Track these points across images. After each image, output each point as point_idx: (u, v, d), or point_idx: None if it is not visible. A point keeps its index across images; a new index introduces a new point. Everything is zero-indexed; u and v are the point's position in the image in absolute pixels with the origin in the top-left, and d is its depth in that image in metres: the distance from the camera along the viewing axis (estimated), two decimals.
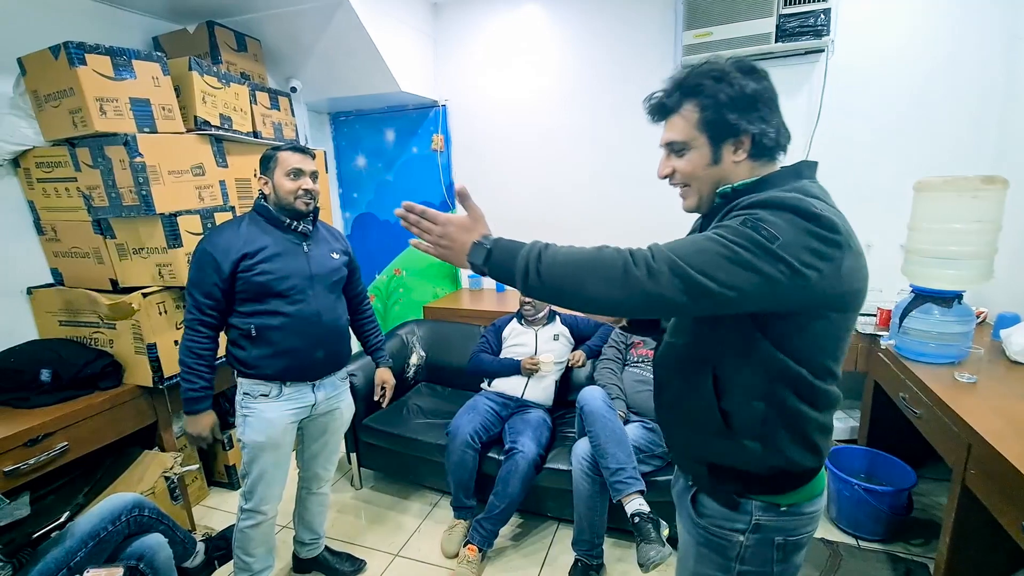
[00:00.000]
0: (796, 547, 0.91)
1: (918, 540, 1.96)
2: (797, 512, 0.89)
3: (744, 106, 0.83)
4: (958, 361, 1.74)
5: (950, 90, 2.28)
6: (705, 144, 0.86)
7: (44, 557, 1.25)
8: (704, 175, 0.88)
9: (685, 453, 0.99)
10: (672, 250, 0.75)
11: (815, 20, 2.27)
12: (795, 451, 0.86)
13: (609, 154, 2.94)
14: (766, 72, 0.86)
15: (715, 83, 0.83)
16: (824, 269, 0.73)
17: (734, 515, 0.91)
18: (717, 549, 0.93)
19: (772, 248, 0.72)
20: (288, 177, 1.55)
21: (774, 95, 0.86)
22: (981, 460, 1.30)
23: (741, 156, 0.86)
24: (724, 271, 0.72)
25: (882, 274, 2.41)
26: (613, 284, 0.75)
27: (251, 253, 1.51)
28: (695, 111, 0.85)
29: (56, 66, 1.73)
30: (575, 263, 0.78)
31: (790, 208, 0.75)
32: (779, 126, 0.86)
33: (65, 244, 2.06)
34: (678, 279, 0.73)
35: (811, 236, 0.73)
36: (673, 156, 0.91)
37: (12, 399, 1.78)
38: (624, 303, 0.76)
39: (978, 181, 1.66)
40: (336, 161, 3.60)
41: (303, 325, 1.57)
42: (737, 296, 0.73)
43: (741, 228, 0.74)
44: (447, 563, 1.99)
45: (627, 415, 2.03)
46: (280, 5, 2.49)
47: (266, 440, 1.57)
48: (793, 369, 0.81)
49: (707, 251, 0.74)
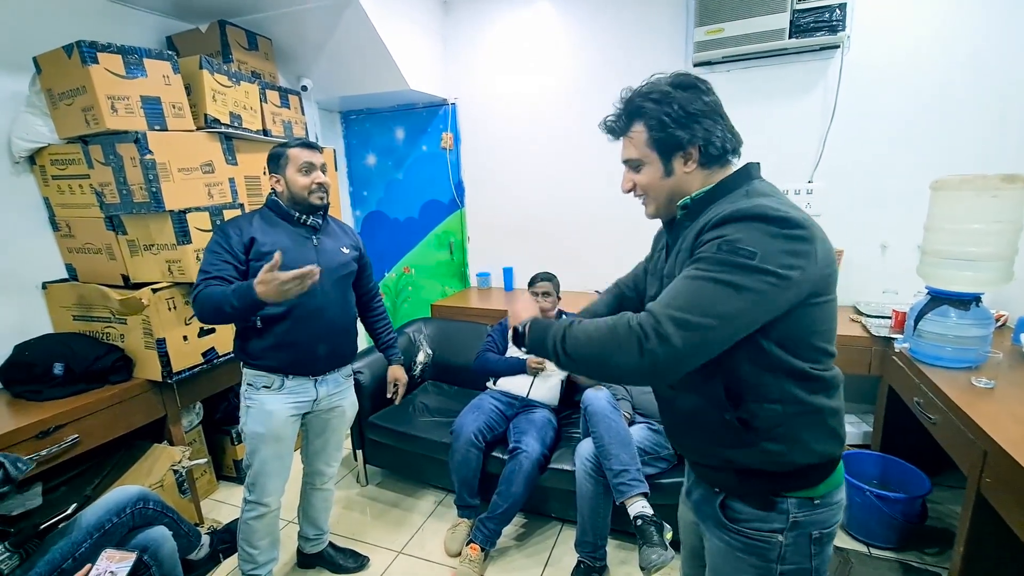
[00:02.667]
0: (829, 538, 0.93)
1: (932, 549, 1.90)
2: (829, 503, 0.91)
3: (686, 121, 0.88)
4: (976, 366, 1.69)
5: (971, 88, 2.21)
6: (656, 160, 0.93)
7: (51, 548, 1.27)
8: (659, 187, 0.95)
9: (706, 463, 0.98)
10: (669, 306, 0.78)
11: (830, 15, 2.22)
12: (820, 443, 0.88)
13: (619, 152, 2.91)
14: (708, 85, 0.91)
15: (656, 104, 0.89)
16: (804, 265, 0.78)
17: (771, 515, 0.91)
18: (757, 552, 0.92)
19: (754, 264, 0.76)
20: (301, 172, 1.56)
21: (716, 105, 0.91)
22: (997, 468, 1.26)
23: (691, 167, 0.91)
24: (722, 303, 0.76)
25: (897, 275, 2.39)
26: (632, 358, 0.78)
27: (260, 241, 1.53)
28: (643, 131, 0.93)
29: (69, 65, 1.76)
30: (594, 342, 0.83)
31: (755, 217, 0.79)
32: (724, 133, 0.90)
33: (79, 240, 2.10)
34: (687, 331, 0.76)
35: (783, 239, 0.78)
36: (631, 171, 0.98)
37: (25, 392, 1.82)
38: (651, 373, 0.78)
39: (998, 180, 1.61)
40: (346, 159, 3.63)
41: (306, 319, 1.57)
42: (744, 318, 0.77)
43: (719, 255, 0.78)
44: (450, 561, 1.98)
45: (632, 416, 2.01)
46: (290, 4, 2.51)
47: (266, 432, 1.59)
48: (796, 365, 0.84)
49: (699, 292, 0.78)
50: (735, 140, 0.92)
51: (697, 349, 0.77)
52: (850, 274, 2.48)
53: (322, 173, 1.60)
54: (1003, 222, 1.64)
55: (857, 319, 2.28)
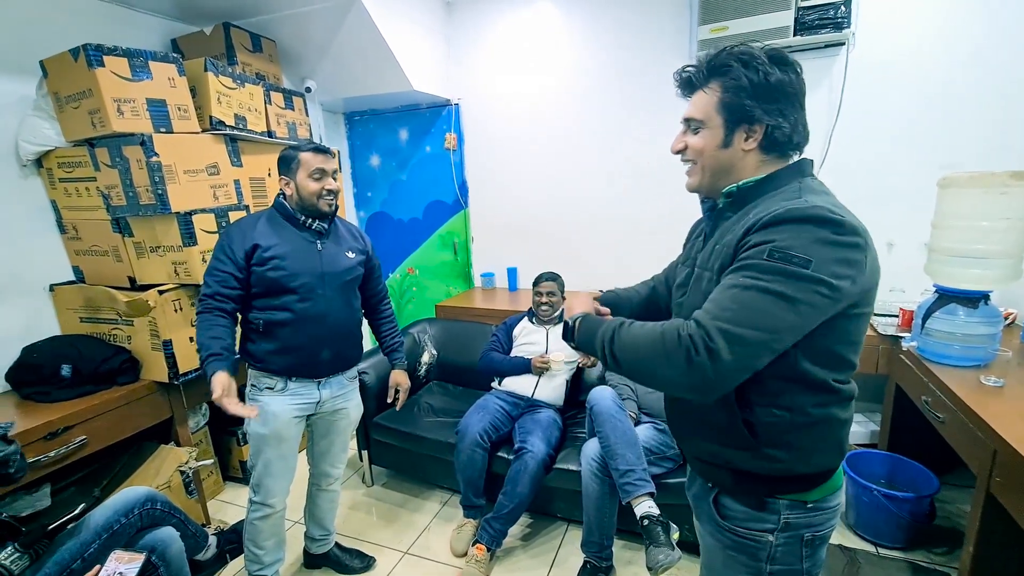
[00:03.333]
0: (822, 541, 0.91)
1: (940, 549, 1.89)
2: (823, 507, 0.90)
3: (764, 95, 0.82)
4: (984, 364, 1.68)
5: (978, 84, 2.20)
6: (719, 126, 0.86)
7: (60, 548, 1.28)
8: (712, 156, 0.88)
9: (704, 460, 0.97)
10: (719, 317, 0.74)
11: (835, 12, 2.21)
12: (821, 456, 0.87)
13: (622, 151, 2.91)
14: (799, 67, 0.84)
15: (742, 66, 0.83)
16: (854, 275, 0.75)
17: (762, 515, 0.90)
18: (747, 551, 0.92)
19: (808, 273, 0.72)
20: (312, 178, 1.55)
21: (799, 91, 0.84)
22: (1007, 467, 1.25)
23: (751, 145, 0.85)
24: (773, 317, 0.73)
25: (905, 274, 2.36)
26: (679, 370, 0.75)
27: (264, 246, 1.53)
28: (716, 91, 0.86)
29: (76, 68, 1.77)
30: (642, 349, 0.80)
31: (809, 220, 0.74)
32: (796, 124, 0.85)
33: (86, 242, 2.11)
34: (738, 346, 0.72)
35: (838, 246, 0.74)
36: (689, 132, 0.91)
37: (34, 393, 1.83)
38: (700, 387, 0.75)
39: (1006, 176, 1.60)
40: (350, 160, 3.63)
41: (309, 324, 1.58)
42: (794, 332, 0.74)
43: (771, 264, 0.74)
44: (456, 562, 1.98)
45: (638, 416, 2.00)
46: (294, 6, 2.52)
47: (270, 432, 1.59)
48: (818, 375, 0.82)
49: (751, 305, 0.73)
50: (803, 135, 0.87)
51: (747, 364, 0.73)
52: None
53: (333, 179, 1.59)
54: (1012, 219, 1.62)
55: None
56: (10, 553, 1.18)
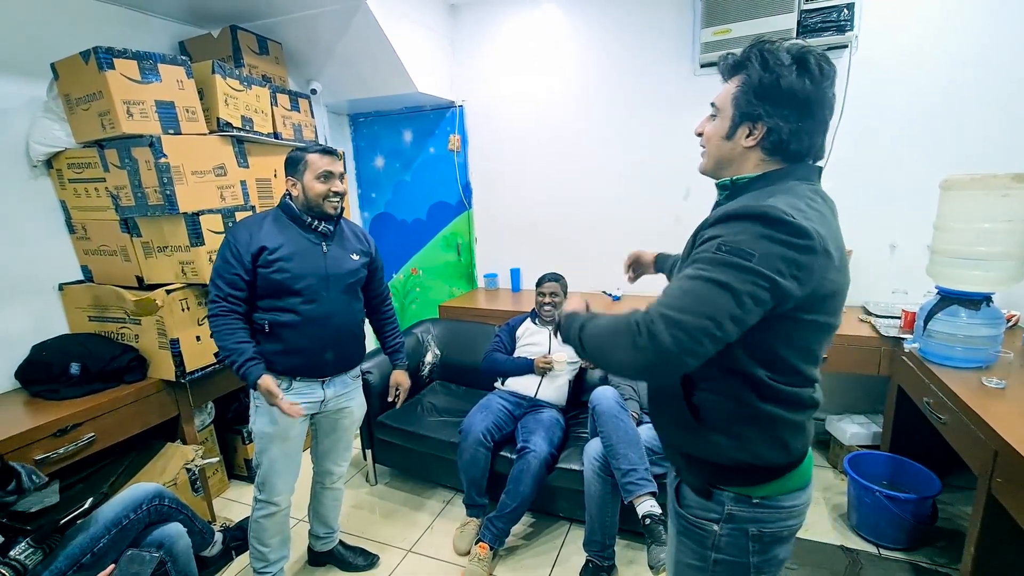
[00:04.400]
0: (775, 539, 0.92)
1: (942, 550, 1.89)
2: (772, 505, 0.90)
3: (771, 96, 0.83)
4: (986, 366, 1.68)
5: (980, 86, 2.20)
6: (729, 117, 0.89)
7: (70, 543, 1.30)
8: (716, 144, 0.91)
9: (668, 445, 1.02)
10: (663, 304, 0.77)
11: (838, 15, 2.22)
12: (762, 448, 0.87)
13: (625, 152, 2.92)
14: (824, 75, 0.82)
15: (760, 64, 0.84)
16: (800, 276, 0.75)
17: (709, 504, 0.93)
18: (694, 537, 0.96)
19: (750, 266, 0.74)
20: (318, 180, 1.56)
21: (812, 99, 0.82)
22: (1008, 468, 1.26)
23: (750, 143, 0.87)
24: (713, 304, 0.74)
25: (907, 275, 2.38)
26: (628, 353, 0.78)
27: (270, 248, 1.53)
28: (736, 83, 0.88)
29: (86, 70, 1.80)
30: (602, 336, 0.84)
31: (757, 217, 0.76)
32: (799, 132, 0.83)
33: (94, 242, 2.13)
34: (677, 329, 0.74)
35: (784, 246, 0.74)
36: (709, 118, 0.94)
37: (43, 391, 1.86)
38: (645, 369, 0.78)
39: (1008, 179, 1.61)
40: (355, 161, 3.66)
41: (313, 326, 1.58)
42: (736, 322, 0.75)
43: (717, 255, 0.76)
44: (459, 560, 2.00)
45: (640, 416, 2.01)
46: (300, 9, 2.55)
47: (274, 431, 1.61)
48: (756, 372, 0.83)
49: (693, 292, 0.76)
50: (807, 144, 0.85)
51: (688, 348, 0.74)
52: (859, 274, 2.47)
53: (340, 181, 1.60)
54: (1014, 221, 1.63)
55: (866, 319, 2.27)
56: (23, 548, 1.20)
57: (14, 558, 1.18)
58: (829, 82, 0.83)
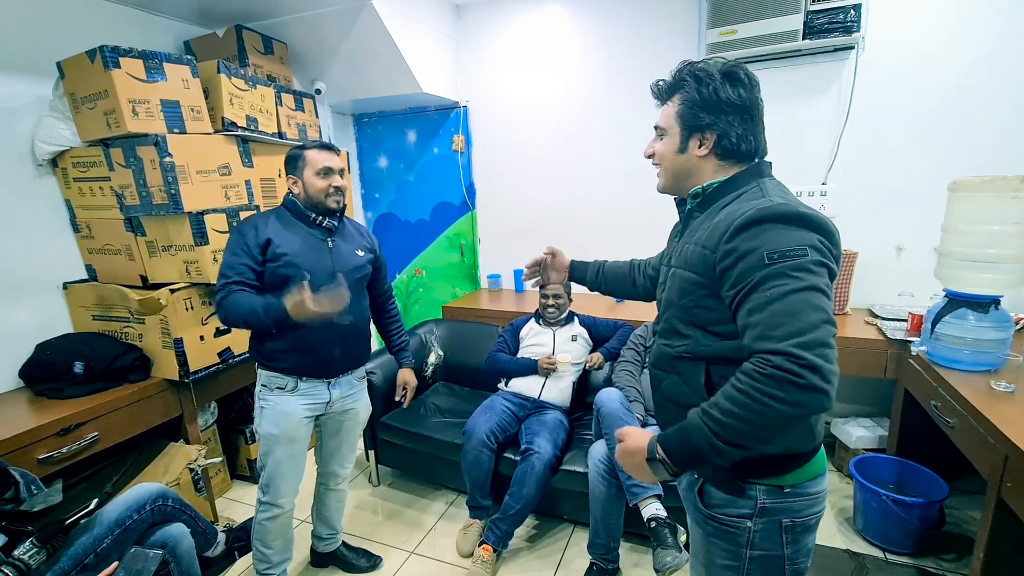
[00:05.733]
0: (805, 528, 0.93)
1: (950, 555, 1.88)
2: (802, 492, 0.91)
3: (714, 108, 0.91)
4: (995, 369, 1.67)
5: (990, 88, 2.19)
6: (677, 134, 0.96)
7: (74, 543, 1.29)
8: (671, 160, 0.98)
9: None
10: (781, 338, 0.74)
11: (845, 16, 2.21)
12: (791, 438, 0.89)
13: (630, 154, 2.91)
14: (753, 83, 0.92)
15: (695, 82, 0.92)
16: (835, 256, 0.82)
17: (739, 501, 0.93)
18: (727, 537, 0.95)
19: (811, 260, 0.78)
20: (318, 176, 1.56)
21: (749, 105, 0.91)
22: (1019, 473, 1.24)
23: (704, 152, 0.94)
24: (817, 309, 0.76)
25: (914, 278, 2.36)
26: (794, 402, 0.73)
27: (276, 242, 1.53)
28: (676, 103, 0.96)
29: (92, 69, 1.80)
30: (745, 416, 0.76)
31: (780, 217, 0.81)
32: (746, 134, 0.92)
33: (99, 241, 2.13)
34: (821, 349, 0.74)
35: (814, 232, 0.80)
36: (656, 139, 1.02)
37: (47, 390, 1.86)
38: (823, 403, 0.74)
39: (1018, 181, 1.59)
40: (359, 162, 3.66)
41: (321, 322, 1.55)
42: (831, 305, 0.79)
43: (777, 266, 0.78)
44: (462, 562, 1.99)
45: (645, 418, 2.00)
46: (305, 8, 2.55)
47: (280, 433, 1.60)
48: None
49: (794, 309, 0.76)
50: (755, 144, 0.93)
51: (834, 357, 0.75)
52: (865, 276, 2.46)
53: (339, 176, 1.60)
54: (1022, 224, 1.62)
55: (872, 322, 2.26)
56: (28, 548, 1.20)
57: (18, 558, 1.18)
58: (758, 88, 0.93)
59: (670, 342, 0.99)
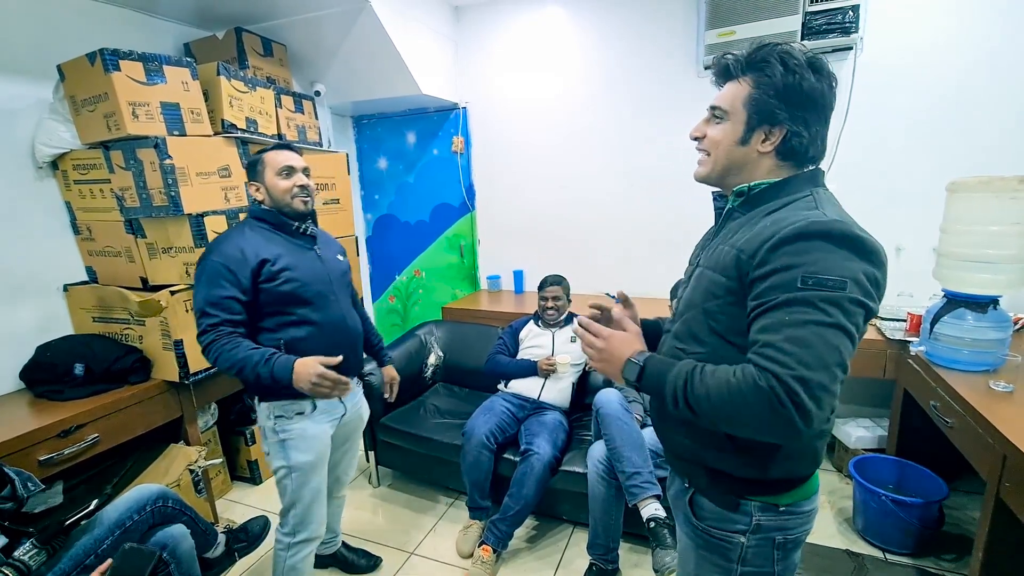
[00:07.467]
0: (795, 545, 0.92)
1: (949, 555, 1.88)
2: (796, 511, 0.90)
3: (793, 99, 0.81)
4: (994, 369, 1.67)
5: (989, 88, 2.19)
6: (742, 121, 0.85)
7: (74, 544, 1.30)
8: (726, 150, 0.88)
9: (682, 456, 0.98)
10: (791, 365, 0.71)
11: (843, 17, 2.21)
12: (797, 463, 0.88)
13: (630, 155, 2.92)
14: (834, 80, 0.83)
15: (780, 65, 0.81)
16: (879, 293, 0.76)
17: (734, 516, 0.90)
18: (718, 551, 0.93)
19: (848, 296, 0.72)
20: (280, 176, 1.47)
21: (828, 104, 0.83)
22: (1018, 473, 1.25)
23: (767, 147, 0.85)
24: (835, 352, 0.72)
25: (913, 278, 2.36)
26: (765, 421, 0.73)
27: (271, 260, 1.42)
28: (748, 84, 0.84)
29: (92, 72, 1.80)
30: (723, 399, 0.76)
31: (830, 236, 0.74)
32: (816, 136, 0.84)
33: (99, 243, 2.14)
34: (821, 392, 0.71)
35: (863, 261, 0.74)
36: (711, 122, 0.90)
37: (47, 392, 1.86)
38: (792, 436, 0.73)
39: (1016, 181, 1.60)
40: (358, 163, 3.66)
41: (331, 331, 1.51)
42: (849, 359, 0.74)
43: (813, 292, 0.72)
44: (462, 563, 1.99)
45: (644, 419, 2.00)
46: (305, 11, 2.55)
47: (316, 458, 1.51)
48: None
49: (813, 343, 0.71)
50: (821, 149, 0.86)
51: (830, 404, 0.73)
52: None
53: (304, 175, 1.50)
54: (1021, 224, 1.62)
55: (871, 322, 2.26)
56: (28, 549, 1.20)
57: (18, 559, 1.18)
58: (836, 87, 0.84)
59: (685, 346, 0.92)
